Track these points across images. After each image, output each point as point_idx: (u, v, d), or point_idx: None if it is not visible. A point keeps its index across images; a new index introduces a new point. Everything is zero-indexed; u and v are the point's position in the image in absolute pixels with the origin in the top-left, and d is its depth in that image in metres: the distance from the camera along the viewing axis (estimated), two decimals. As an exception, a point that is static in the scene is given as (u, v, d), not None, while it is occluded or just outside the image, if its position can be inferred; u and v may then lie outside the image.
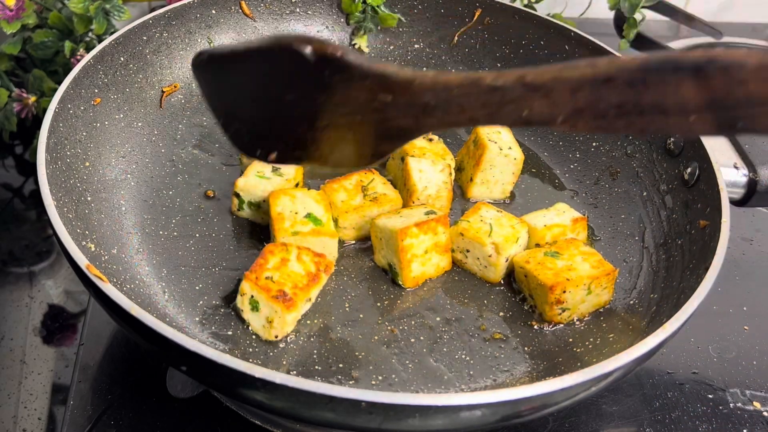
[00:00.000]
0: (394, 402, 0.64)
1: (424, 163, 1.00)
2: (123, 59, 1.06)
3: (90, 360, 0.92)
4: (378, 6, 1.26)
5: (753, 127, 0.56)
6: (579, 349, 0.88)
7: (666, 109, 0.57)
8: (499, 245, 0.93)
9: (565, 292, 0.88)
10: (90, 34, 1.24)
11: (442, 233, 0.93)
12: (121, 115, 1.05)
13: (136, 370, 0.92)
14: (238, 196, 0.98)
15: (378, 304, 0.91)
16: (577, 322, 0.91)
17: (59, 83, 0.97)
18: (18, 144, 1.33)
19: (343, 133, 0.72)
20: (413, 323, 0.90)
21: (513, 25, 1.24)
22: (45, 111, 0.92)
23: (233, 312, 0.88)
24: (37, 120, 1.21)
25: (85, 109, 0.99)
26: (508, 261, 0.95)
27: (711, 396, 0.96)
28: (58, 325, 1.03)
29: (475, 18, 1.26)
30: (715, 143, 0.99)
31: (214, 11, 1.19)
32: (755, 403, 0.96)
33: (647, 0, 1.40)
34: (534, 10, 1.29)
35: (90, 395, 0.88)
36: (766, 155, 0.98)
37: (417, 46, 1.29)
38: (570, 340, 0.89)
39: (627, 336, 0.87)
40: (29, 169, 1.29)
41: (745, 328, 1.05)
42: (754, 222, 1.23)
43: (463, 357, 0.86)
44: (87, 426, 0.85)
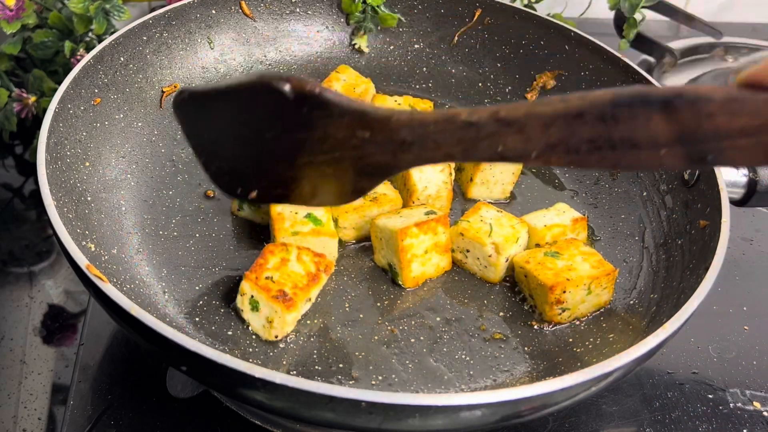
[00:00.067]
0: (394, 402, 0.64)
1: (424, 163, 1.00)
2: (123, 59, 1.06)
3: (90, 360, 0.92)
4: (378, 6, 1.26)
5: (722, 161, 0.57)
6: (579, 349, 0.88)
7: (637, 144, 0.58)
8: (499, 245, 0.93)
9: (565, 292, 0.88)
10: (90, 34, 1.24)
11: (442, 233, 0.93)
12: (121, 115, 1.05)
13: (136, 370, 0.92)
14: None
15: (378, 304, 0.92)
16: (577, 322, 0.91)
17: (59, 83, 0.97)
18: (18, 144, 1.33)
19: (323, 171, 0.72)
20: (413, 323, 0.90)
21: (513, 25, 1.24)
22: (45, 111, 0.92)
23: (233, 312, 0.88)
24: (37, 120, 1.21)
25: (85, 109, 0.99)
26: (508, 261, 0.95)
27: (711, 396, 0.96)
28: (58, 325, 1.03)
29: (475, 18, 1.26)
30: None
31: (214, 11, 1.19)
32: (755, 403, 0.96)
33: (647, 0, 1.40)
34: (534, 10, 1.29)
35: (90, 395, 0.88)
36: (766, 155, 0.98)
37: (417, 46, 1.29)
38: (570, 340, 0.89)
39: (627, 336, 0.87)
40: (29, 169, 1.28)
41: (745, 328, 1.05)
42: (754, 222, 1.23)
43: (463, 357, 0.86)
44: (87, 426, 0.85)
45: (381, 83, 1.24)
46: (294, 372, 0.82)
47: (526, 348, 0.88)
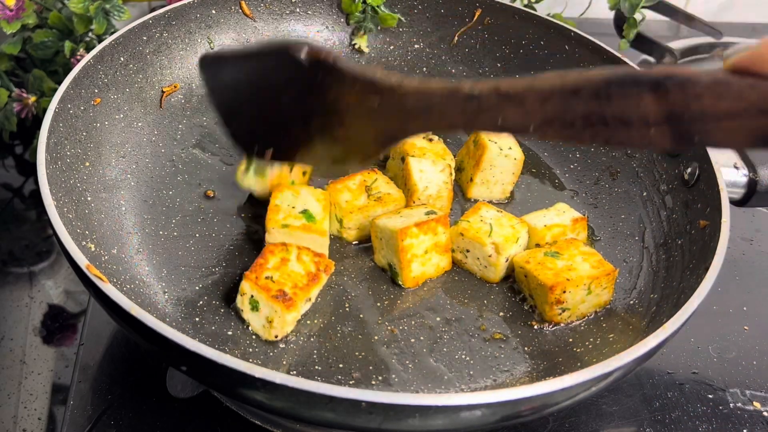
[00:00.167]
0: (394, 402, 0.64)
1: (424, 163, 1.00)
2: (123, 59, 1.06)
3: (90, 360, 0.92)
4: (378, 6, 1.26)
5: (708, 141, 0.61)
6: (579, 349, 0.88)
7: (628, 121, 0.61)
8: (499, 245, 0.93)
9: (565, 292, 0.88)
10: (90, 34, 1.25)
11: (442, 233, 0.93)
12: (121, 115, 1.05)
13: (136, 370, 0.92)
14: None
15: (378, 304, 0.91)
16: (577, 322, 0.91)
17: (59, 83, 0.97)
18: (18, 144, 1.33)
19: (335, 135, 0.77)
20: (413, 323, 0.90)
21: (513, 25, 1.24)
22: (45, 111, 0.92)
23: (233, 312, 0.88)
24: (37, 120, 1.21)
25: (85, 109, 0.99)
26: (508, 261, 0.95)
27: (711, 396, 0.96)
28: (58, 325, 1.03)
29: (475, 18, 1.26)
30: (715, 143, 0.99)
31: (214, 11, 1.19)
32: (755, 403, 0.96)
33: (647, 0, 1.40)
34: (534, 10, 1.29)
35: (90, 395, 0.88)
36: (766, 155, 0.98)
37: (417, 46, 1.29)
38: (570, 340, 0.89)
39: (627, 336, 0.87)
40: (29, 169, 1.29)
41: (745, 328, 1.05)
42: (754, 222, 1.23)
43: (463, 357, 0.86)
44: (87, 426, 0.85)
45: (381, 83, 1.24)
46: (294, 372, 0.82)
47: (526, 348, 0.88)
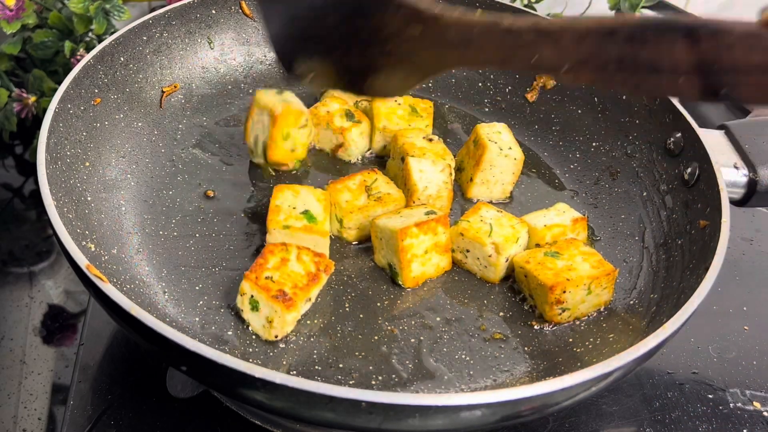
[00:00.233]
0: (394, 402, 0.64)
1: (424, 163, 1.00)
2: (123, 59, 1.06)
3: (90, 360, 0.92)
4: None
5: (735, 95, 0.61)
6: (579, 349, 0.88)
7: (659, 68, 0.62)
8: (499, 245, 0.93)
9: (565, 292, 0.88)
10: (90, 34, 1.25)
11: (442, 233, 0.93)
12: (121, 115, 1.05)
13: (136, 370, 0.92)
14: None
15: (378, 304, 0.91)
16: (577, 322, 0.91)
17: (59, 83, 0.97)
18: (18, 144, 1.33)
19: (375, 61, 0.79)
20: (413, 323, 0.90)
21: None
22: (45, 111, 0.92)
23: (233, 312, 0.88)
24: (37, 120, 1.21)
25: (85, 109, 0.99)
26: (508, 261, 0.95)
27: (711, 396, 0.96)
28: (58, 325, 1.03)
29: (475, 18, 1.26)
30: (715, 143, 0.99)
31: (214, 11, 1.19)
32: (755, 403, 0.96)
33: (647, 0, 1.40)
34: (534, 10, 1.29)
35: (90, 395, 0.88)
36: (766, 155, 0.98)
37: (417, 46, 1.29)
38: (570, 340, 0.89)
39: (627, 336, 0.87)
40: (29, 169, 1.29)
41: (745, 328, 1.05)
42: (754, 222, 1.23)
43: (463, 357, 0.86)
44: (87, 426, 0.85)
45: (381, 83, 1.24)
46: (294, 372, 0.82)
47: (526, 348, 0.88)
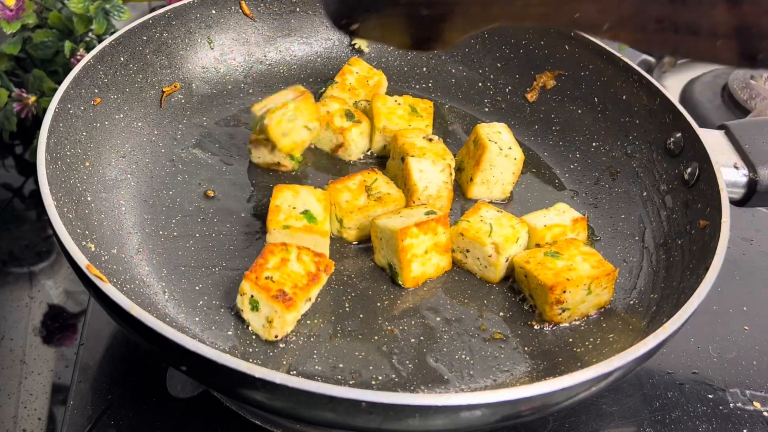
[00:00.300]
0: (394, 402, 0.64)
1: (424, 163, 1.00)
2: (123, 59, 1.06)
3: (90, 360, 0.92)
4: (378, 6, 1.26)
5: None
6: (579, 349, 0.88)
7: (698, 30, 0.62)
8: (499, 245, 0.93)
9: (565, 292, 0.88)
10: (90, 34, 1.25)
11: (442, 233, 0.93)
12: (121, 115, 1.05)
13: (136, 370, 0.92)
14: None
15: (378, 304, 0.91)
16: (577, 322, 0.91)
17: (59, 83, 0.97)
18: (18, 144, 1.33)
19: (420, 16, 0.77)
20: (413, 323, 0.90)
21: (513, 25, 1.24)
22: (45, 111, 0.92)
23: (233, 312, 0.88)
24: (37, 120, 1.21)
25: (85, 109, 0.99)
26: (508, 261, 0.95)
27: (711, 396, 0.96)
28: (58, 325, 1.03)
29: (475, 18, 1.26)
30: (715, 143, 0.99)
31: (214, 11, 1.19)
32: (755, 403, 0.96)
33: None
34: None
35: (90, 395, 0.88)
36: (766, 155, 0.98)
37: (417, 46, 1.29)
38: (570, 340, 0.89)
39: (627, 336, 0.87)
40: (29, 169, 1.29)
41: (745, 328, 1.05)
42: (754, 222, 1.23)
43: (463, 357, 0.86)
44: (87, 426, 0.85)
45: (381, 83, 1.24)
46: (294, 372, 0.82)
47: (526, 348, 0.88)
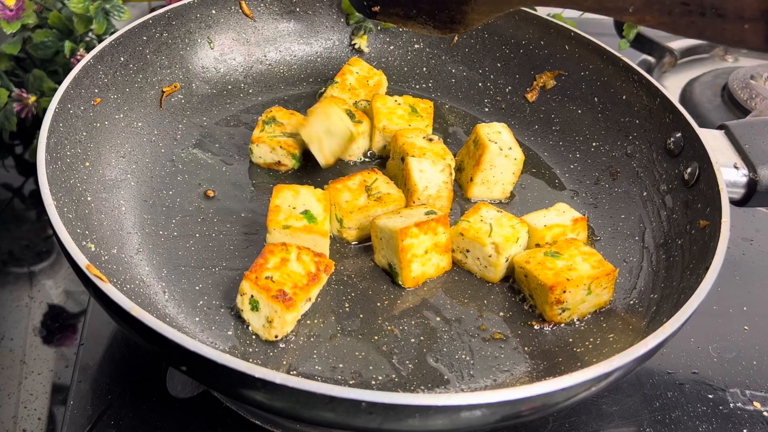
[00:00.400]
0: (394, 402, 0.64)
1: (424, 163, 1.00)
2: (123, 59, 1.06)
3: (90, 360, 0.92)
4: (378, 6, 1.26)
5: None
6: (579, 349, 0.88)
7: (725, 14, 0.61)
8: (499, 245, 0.93)
9: (565, 292, 0.88)
10: (90, 34, 1.25)
11: (442, 233, 0.93)
12: (121, 115, 1.05)
13: (136, 370, 0.92)
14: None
15: (378, 304, 0.92)
16: (577, 322, 0.91)
17: (59, 83, 0.97)
18: (18, 144, 1.33)
19: None
20: (413, 323, 0.90)
21: (513, 25, 1.24)
22: (45, 111, 0.92)
23: (233, 312, 0.88)
24: (37, 120, 1.21)
25: (85, 109, 0.99)
26: (508, 261, 0.95)
27: (711, 396, 0.96)
28: (58, 325, 1.03)
29: (475, 18, 1.26)
30: (715, 143, 0.99)
31: (214, 11, 1.19)
32: (755, 403, 0.96)
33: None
34: (534, 10, 1.29)
35: (90, 395, 0.88)
36: (766, 155, 0.98)
37: (417, 46, 1.29)
38: (570, 340, 0.89)
39: (627, 336, 0.87)
40: (29, 169, 1.29)
41: (745, 328, 1.05)
42: (754, 222, 1.23)
43: (463, 357, 0.86)
44: (87, 426, 0.85)
45: (381, 83, 1.24)
46: (294, 372, 0.82)
47: (526, 348, 0.88)
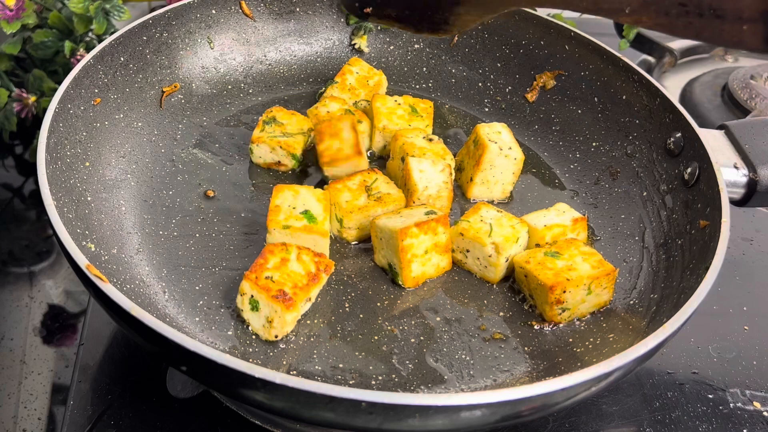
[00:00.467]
0: (394, 402, 0.64)
1: (424, 163, 1.00)
2: (123, 59, 1.06)
3: (90, 360, 0.92)
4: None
5: None
6: (579, 349, 0.88)
7: (723, 15, 0.60)
8: (499, 245, 0.93)
9: (565, 292, 0.88)
10: (90, 34, 1.25)
11: (442, 233, 0.93)
12: (121, 115, 1.05)
13: (136, 370, 0.92)
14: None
15: (378, 304, 0.92)
16: (577, 322, 0.91)
17: (59, 83, 0.97)
18: (18, 144, 1.33)
19: None
20: (413, 323, 0.90)
21: (513, 25, 1.24)
22: (45, 111, 0.92)
23: (233, 312, 0.88)
24: (37, 120, 1.21)
25: (85, 109, 0.99)
26: (508, 261, 0.95)
27: (711, 396, 0.96)
28: (58, 325, 1.03)
29: (475, 18, 1.26)
30: (715, 143, 0.99)
31: (214, 11, 1.19)
32: (755, 403, 0.96)
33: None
34: (534, 10, 1.29)
35: (90, 395, 0.88)
36: (766, 155, 0.98)
37: (417, 46, 1.29)
38: (570, 340, 0.89)
39: (627, 336, 0.87)
40: (29, 169, 1.29)
41: (745, 328, 1.05)
42: (754, 222, 1.23)
43: (463, 357, 0.86)
44: (87, 426, 0.85)
45: (381, 83, 1.24)
46: (294, 372, 0.82)
47: (526, 348, 0.88)
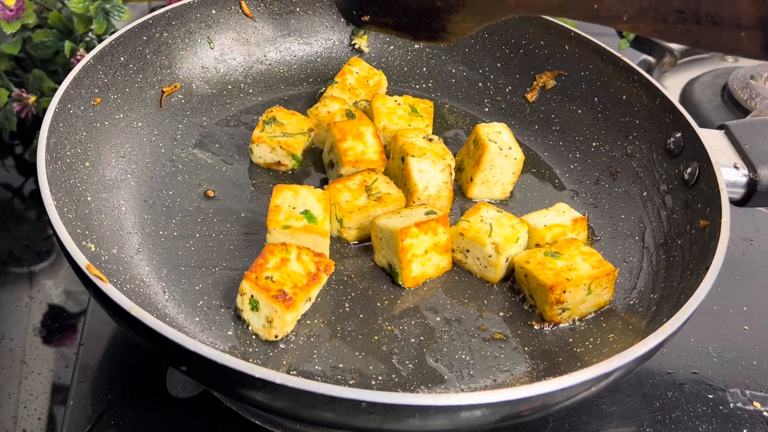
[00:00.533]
0: (394, 402, 0.64)
1: (424, 163, 1.00)
2: (123, 59, 1.06)
3: (90, 360, 0.92)
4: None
5: None
6: (579, 349, 0.88)
7: (720, 21, 0.60)
8: (499, 245, 0.93)
9: (565, 292, 0.88)
10: (90, 34, 1.25)
11: (442, 233, 0.93)
12: (121, 115, 1.05)
13: (136, 370, 0.92)
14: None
15: (378, 304, 0.92)
16: (577, 322, 0.91)
17: (59, 83, 0.97)
18: (18, 144, 1.33)
19: (432, 5, 0.78)
20: (413, 323, 0.90)
21: (513, 25, 1.24)
22: (45, 111, 0.92)
23: (233, 312, 0.88)
24: (37, 120, 1.21)
25: (85, 109, 0.99)
26: (508, 261, 0.95)
27: (711, 396, 0.96)
28: (58, 325, 1.03)
29: (475, 18, 1.26)
30: (715, 143, 0.99)
31: (214, 11, 1.19)
32: (755, 403, 0.96)
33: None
34: (534, 10, 1.29)
35: (90, 395, 0.88)
36: (766, 155, 0.98)
37: (417, 46, 1.29)
38: (570, 340, 0.89)
39: (627, 336, 0.87)
40: (29, 169, 1.29)
41: (745, 328, 1.05)
42: (754, 222, 1.23)
43: (463, 357, 0.86)
44: (87, 426, 0.85)
45: (381, 83, 1.24)
46: (294, 372, 0.82)
47: (526, 348, 0.88)
